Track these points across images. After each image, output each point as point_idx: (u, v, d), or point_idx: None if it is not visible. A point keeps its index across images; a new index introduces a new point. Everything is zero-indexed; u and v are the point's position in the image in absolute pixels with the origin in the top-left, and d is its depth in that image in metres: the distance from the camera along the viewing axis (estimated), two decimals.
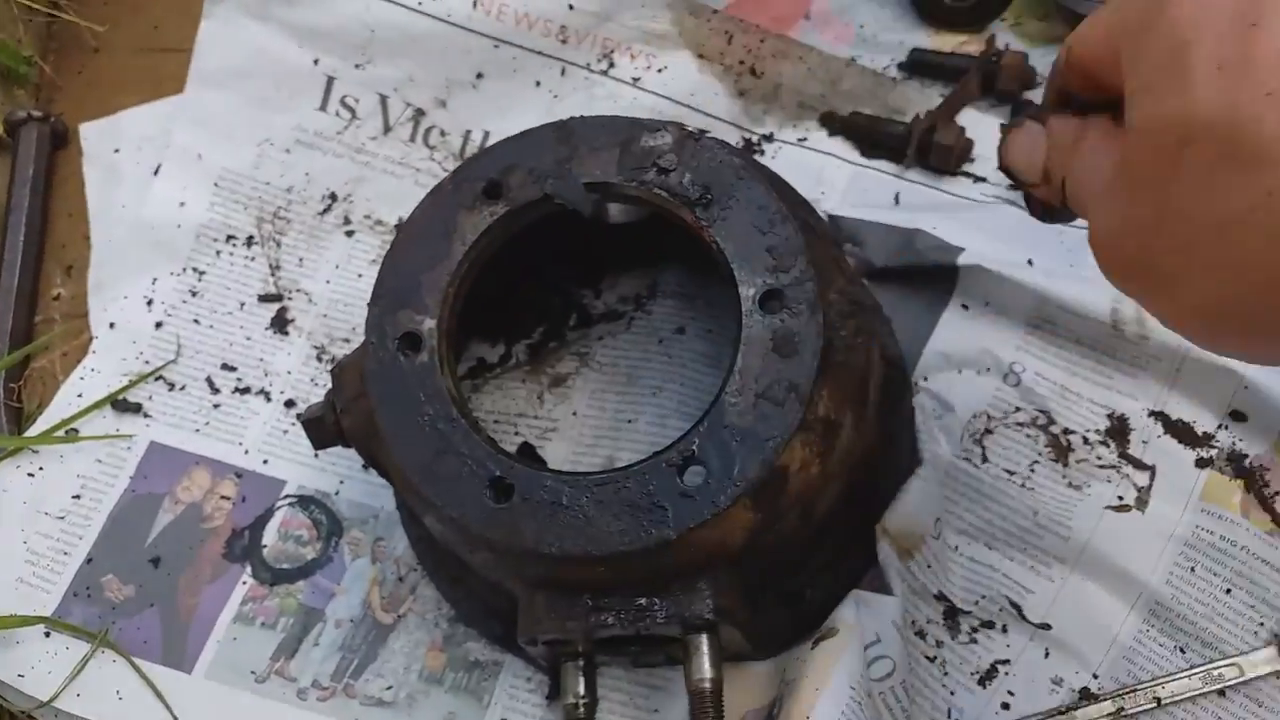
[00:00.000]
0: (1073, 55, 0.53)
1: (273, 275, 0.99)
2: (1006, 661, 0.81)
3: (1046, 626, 0.81)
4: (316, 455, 0.89)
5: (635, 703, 0.83)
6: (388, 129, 1.03)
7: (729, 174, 0.74)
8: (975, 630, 0.82)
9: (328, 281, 0.99)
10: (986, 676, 0.81)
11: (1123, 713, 0.78)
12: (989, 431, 0.88)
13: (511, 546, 0.67)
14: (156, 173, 1.02)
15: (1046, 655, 0.81)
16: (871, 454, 0.80)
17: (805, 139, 1.01)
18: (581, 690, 0.73)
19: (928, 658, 0.81)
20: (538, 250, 0.81)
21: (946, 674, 0.81)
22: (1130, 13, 0.48)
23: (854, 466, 0.76)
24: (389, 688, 0.85)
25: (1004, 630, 0.82)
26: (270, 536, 0.90)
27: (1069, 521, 0.83)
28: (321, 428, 0.76)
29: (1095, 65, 0.51)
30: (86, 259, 1.01)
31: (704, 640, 0.69)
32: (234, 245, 1.00)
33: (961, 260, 0.90)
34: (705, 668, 0.68)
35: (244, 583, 0.88)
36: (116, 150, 1.04)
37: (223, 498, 0.91)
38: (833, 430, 0.71)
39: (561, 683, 0.73)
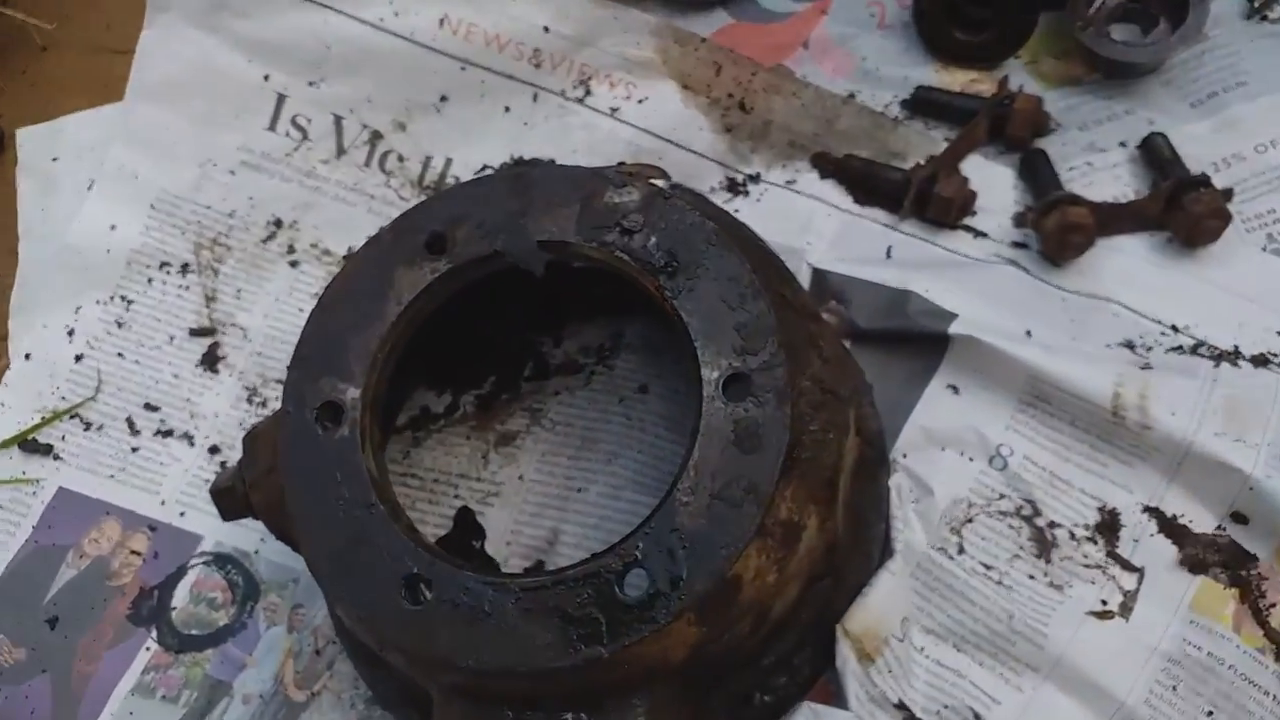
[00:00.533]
0: None
1: (207, 307, 0.92)
2: None
3: None
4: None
5: None
6: (341, 152, 0.95)
7: (699, 240, 0.68)
8: None
9: (265, 316, 0.92)
10: None
11: None
12: (969, 520, 0.81)
13: (424, 653, 0.61)
14: (90, 189, 0.95)
15: None
16: (837, 548, 0.73)
17: (794, 181, 0.93)
18: None
19: None
20: (491, 294, 0.74)
21: None
22: None
23: (816, 563, 0.70)
24: None
25: None
26: (181, 598, 0.83)
27: (1046, 627, 0.77)
28: (232, 499, 0.69)
29: None
30: (12, 276, 0.94)
31: None
32: (168, 273, 0.93)
33: (953, 329, 0.83)
34: None
35: (148, 648, 0.82)
36: (55, 159, 0.97)
37: (133, 552, 0.85)
38: (794, 534, 0.65)
39: None
